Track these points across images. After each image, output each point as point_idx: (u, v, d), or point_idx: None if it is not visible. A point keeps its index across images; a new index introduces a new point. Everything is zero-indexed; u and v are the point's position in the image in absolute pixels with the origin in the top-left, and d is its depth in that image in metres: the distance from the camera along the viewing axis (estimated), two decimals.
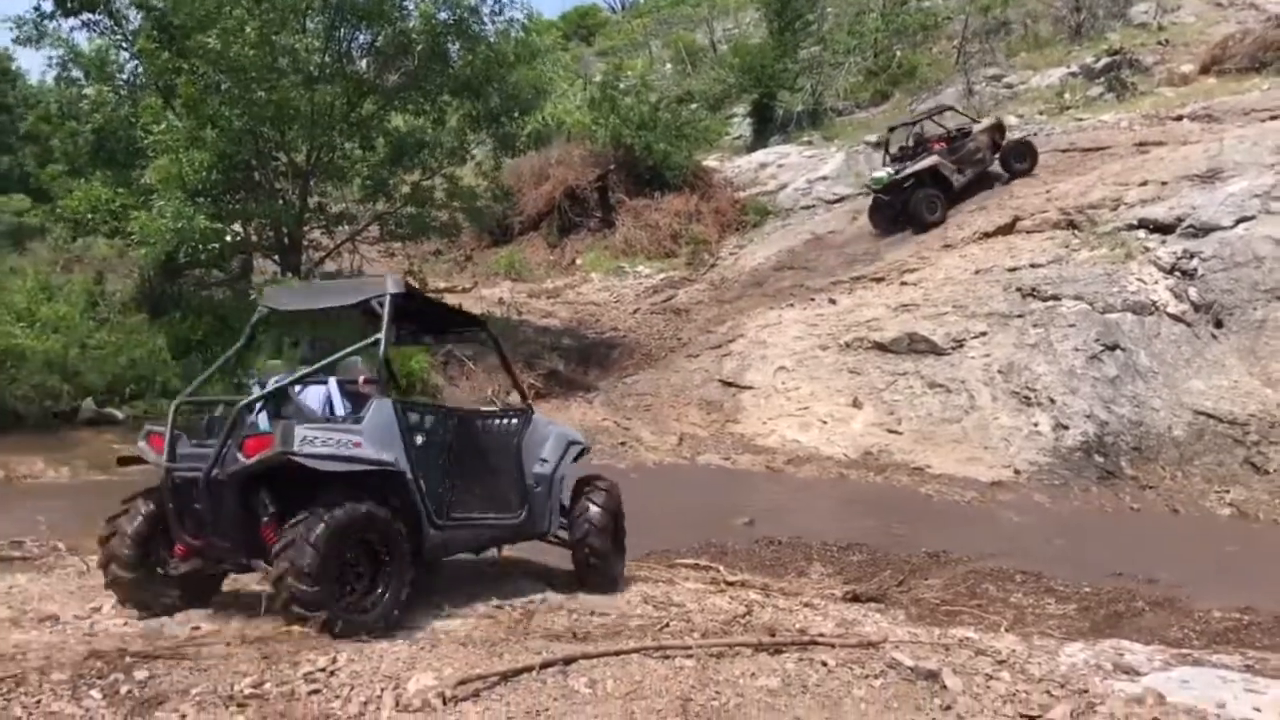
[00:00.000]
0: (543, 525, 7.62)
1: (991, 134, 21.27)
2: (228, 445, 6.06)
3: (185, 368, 16.12)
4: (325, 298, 8.02)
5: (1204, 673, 6.60)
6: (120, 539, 6.41)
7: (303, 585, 5.72)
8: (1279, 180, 16.22)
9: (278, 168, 18.62)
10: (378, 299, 6.79)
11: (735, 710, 4.91)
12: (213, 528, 6.23)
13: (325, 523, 5.81)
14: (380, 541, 6.15)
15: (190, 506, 6.25)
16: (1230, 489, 12.68)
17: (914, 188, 20.38)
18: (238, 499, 6.14)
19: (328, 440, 6.06)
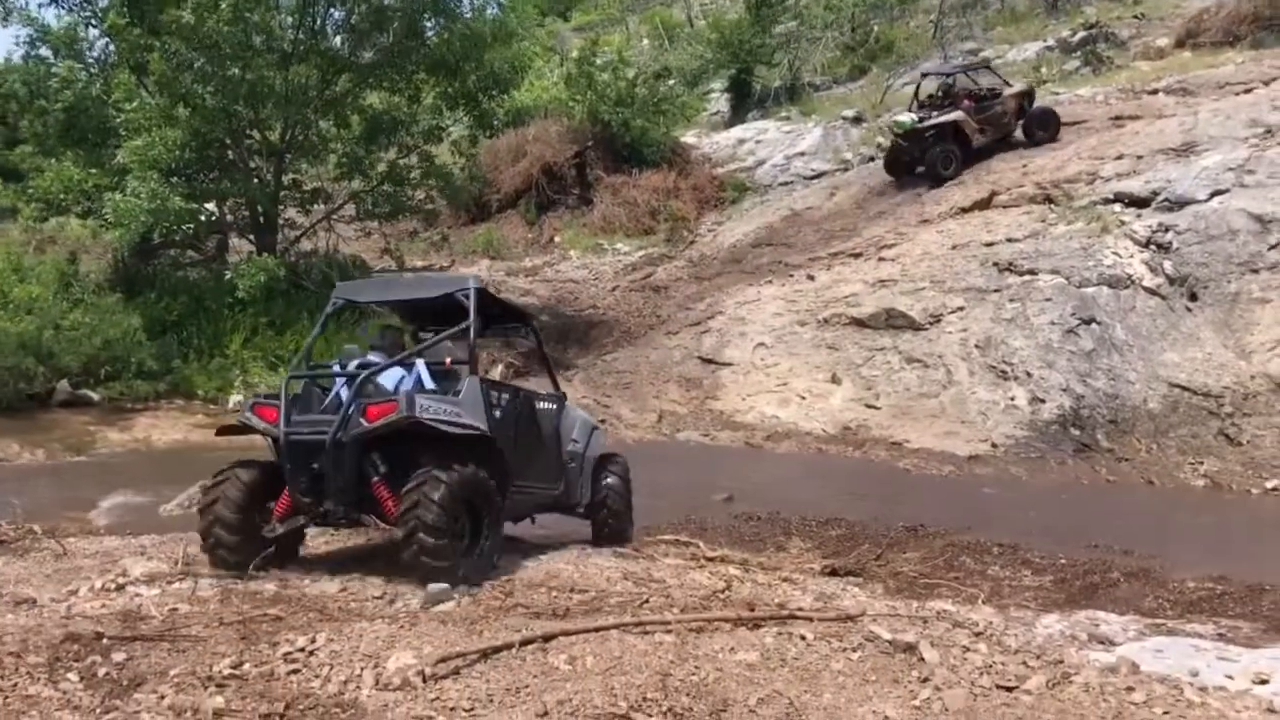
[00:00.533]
0: (575, 497, 8.60)
1: (1020, 99, 21.12)
2: (351, 411, 6.81)
3: (160, 348, 16.04)
4: (405, 291, 9.33)
5: (1178, 642, 6.69)
6: (223, 506, 7.00)
7: (431, 539, 6.46)
8: (1253, 154, 16.30)
9: (252, 146, 18.45)
10: (463, 292, 7.73)
11: (714, 684, 4.94)
12: (332, 486, 6.91)
13: (445, 483, 6.58)
14: (480, 499, 6.95)
15: (307, 467, 6.94)
16: (1204, 461, 12.80)
17: (934, 140, 20.45)
18: (354, 460, 6.87)
19: (439, 409, 6.92)
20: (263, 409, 7.23)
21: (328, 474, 6.91)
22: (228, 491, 7.05)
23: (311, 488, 6.97)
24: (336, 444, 6.83)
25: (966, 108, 20.67)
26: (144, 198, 15.41)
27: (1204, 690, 5.40)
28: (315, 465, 6.92)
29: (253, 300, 16.51)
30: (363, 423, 6.81)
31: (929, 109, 21.16)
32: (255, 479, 7.14)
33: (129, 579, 6.63)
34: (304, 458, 6.94)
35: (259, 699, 4.64)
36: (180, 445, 13.92)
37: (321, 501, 6.99)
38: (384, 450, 6.97)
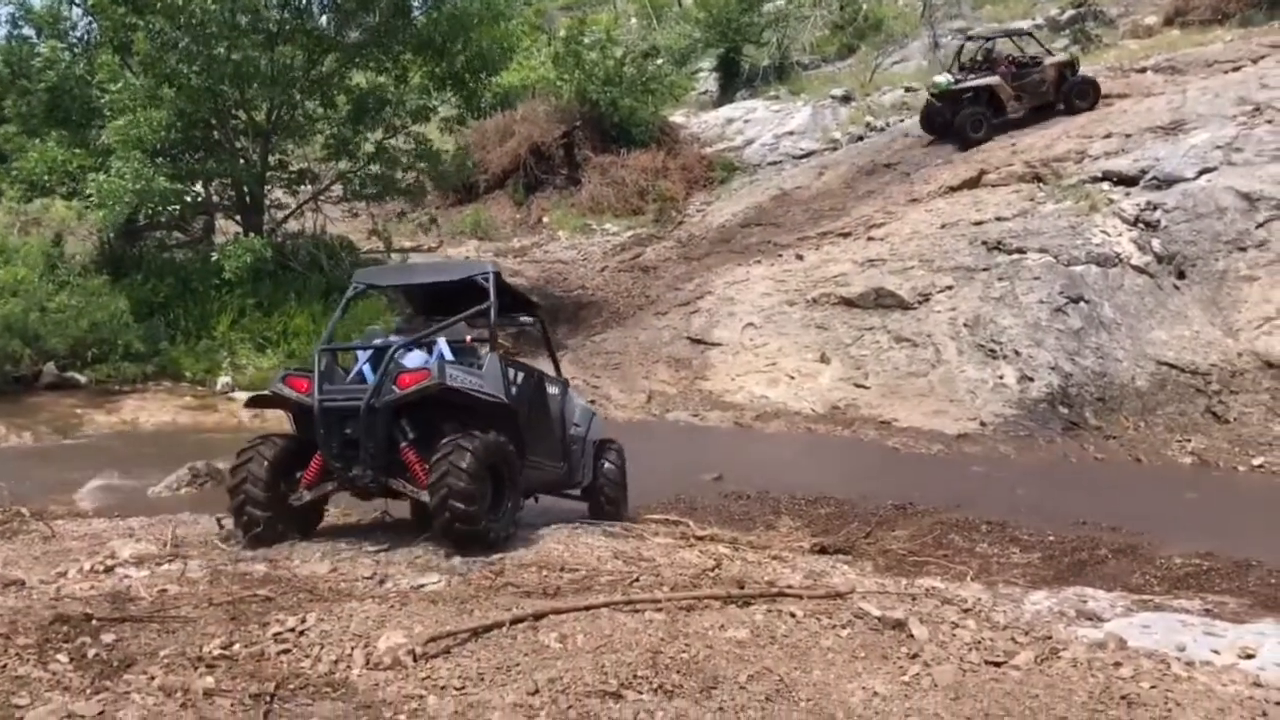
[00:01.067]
0: (577, 477, 9.02)
1: (1060, 69, 20.88)
2: (384, 379, 7.18)
3: (147, 330, 15.97)
4: (426, 275, 9.61)
5: (1165, 618, 6.73)
6: (253, 481, 7.29)
7: (461, 505, 6.83)
8: (1241, 132, 16.32)
9: (237, 126, 18.34)
10: (482, 275, 8.21)
11: (704, 662, 4.95)
12: (364, 451, 7.23)
13: (472, 451, 6.94)
14: (503, 464, 7.31)
15: (340, 433, 7.28)
16: (1192, 438, 12.85)
17: (969, 102, 20.43)
18: (385, 426, 7.21)
19: (466, 379, 7.34)
20: (294, 380, 7.59)
21: (360, 439, 7.22)
22: (254, 468, 7.32)
23: (343, 453, 7.30)
24: (370, 409, 7.15)
25: (1003, 73, 20.59)
26: (128, 178, 15.30)
27: (1191, 665, 5.44)
28: (348, 431, 7.25)
29: (240, 281, 16.44)
30: (395, 390, 7.18)
31: (968, 72, 21.09)
32: (280, 453, 7.45)
33: (118, 560, 6.61)
34: (337, 424, 7.28)
35: (249, 679, 4.64)
36: (168, 427, 13.89)
37: (351, 466, 7.30)
38: (412, 417, 7.35)
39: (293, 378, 7.64)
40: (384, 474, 7.32)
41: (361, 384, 7.45)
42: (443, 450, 6.96)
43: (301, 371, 7.71)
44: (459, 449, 6.94)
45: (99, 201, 15.43)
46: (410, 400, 7.17)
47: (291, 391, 7.51)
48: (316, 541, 7.36)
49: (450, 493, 6.82)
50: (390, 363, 7.33)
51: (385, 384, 7.21)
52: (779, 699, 4.66)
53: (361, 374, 7.67)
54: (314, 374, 7.42)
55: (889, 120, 24.88)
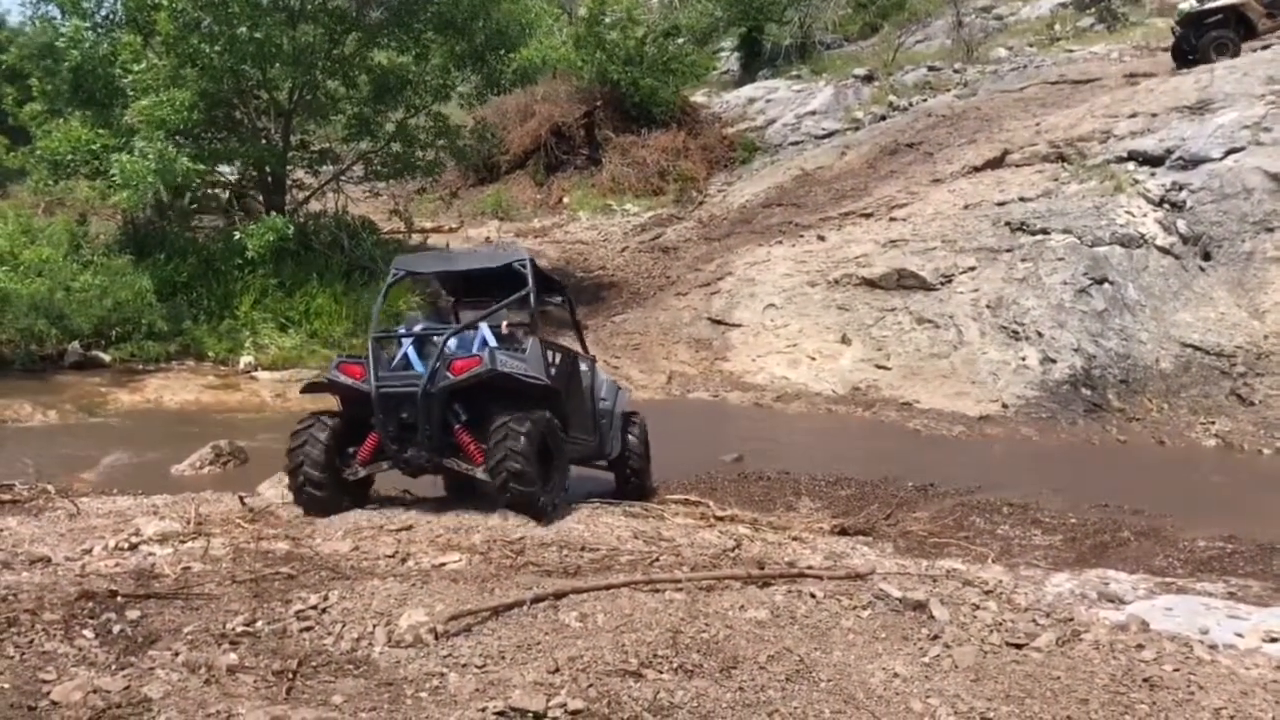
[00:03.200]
0: (606, 449, 9.36)
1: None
2: (438, 366, 7.65)
3: (170, 310, 16.06)
4: (464, 262, 10.22)
5: (1187, 600, 6.69)
6: (310, 456, 7.73)
7: (520, 485, 7.34)
8: (1269, 111, 16.12)
9: (259, 106, 18.36)
10: (519, 262, 8.62)
11: (724, 641, 4.96)
12: (420, 433, 7.68)
13: (525, 433, 7.39)
14: (551, 441, 7.75)
15: (397, 417, 7.73)
16: (1216, 420, 12.76)
17: (1215, 25, 19.48)
18: (440, 409, 7.67)
19: (514, 365, 7.77)
20: (348, 367, 8.05)
21: (418, 422, 7.67)
22: (312, 442, 7.79)
23: (399, 435, 7.76)
24: (427, 395, 7.62)
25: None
26: (151, 159, 15.36)
27: (1214, 648, 5.41)
28: (404, 415, 7.71)
29: (262, 261, 16.50)
30: (449, 376, 7.63)
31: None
32: (335, 430, 7.91)
33: (142, 538, 6.66)
34: (394, 408, 7.72)
35: (272, 656, 4.68)
36: (191, 406, 13.97)
37: (406, 447, 7.78)
38: (464, 401, 7.79)
39: (347, 365, 8.07)
40: (438, 454, 7.77)
41: (408, 369, 7.95)
42: (499, 434, 7.41)
43: (355, 359, 8.15)
44: (513, 432, 7.38)
45: (122, 181, 15.49)
46: (464, 385, 7.62)
47: (348, 379, 7.94)
48: (338, 520, 7.39)
49: (509, 474, 7.33)
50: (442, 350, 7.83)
51: (440, 371, 7.65)
52: (799, 679, 4.66)
53: (407, 358, 8.08)
54: (369, 361, 7.88)
55: (911, 100, 24.75)
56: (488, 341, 8.24)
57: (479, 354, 7.83)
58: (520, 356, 7.98)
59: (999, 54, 26.05)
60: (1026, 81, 22.34)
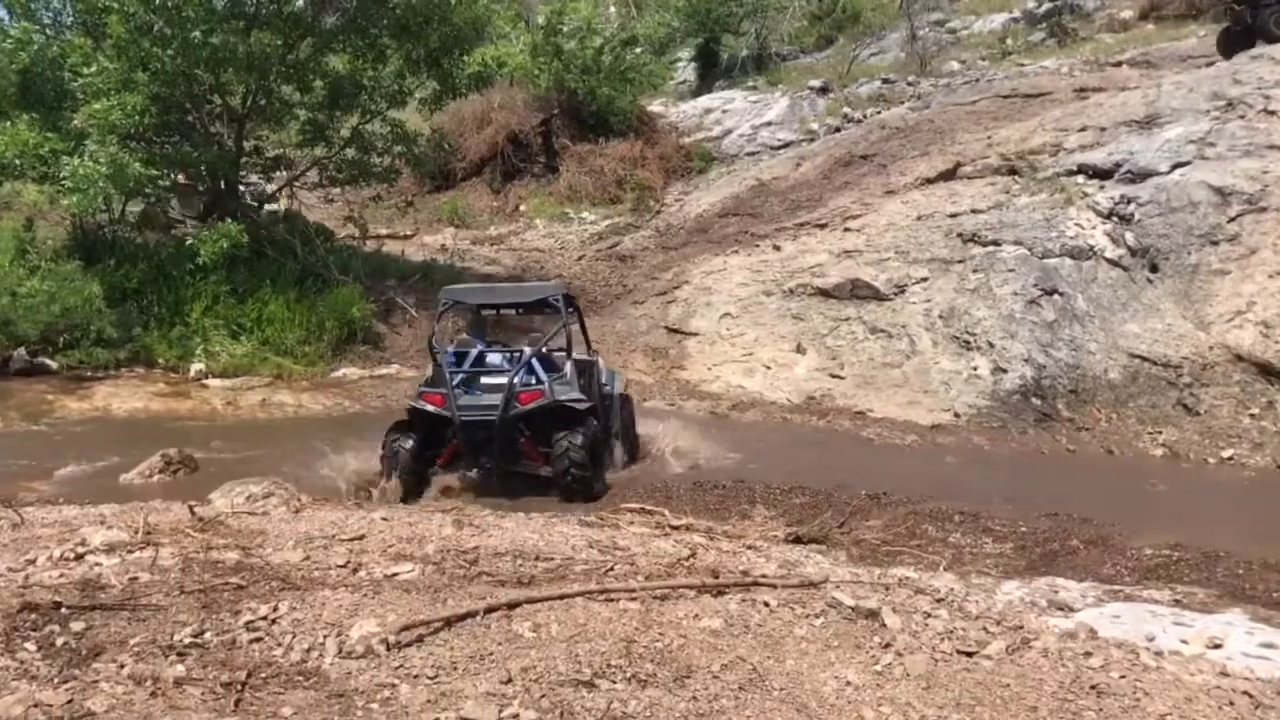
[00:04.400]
0: (612, 426, 11.41)
1: None
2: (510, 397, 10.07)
3: (120, 316, 15.84)
4: (507, 295, 12.46)
5: (1135, 608, 6.79)
6: (404, 455, 10.09)
7: (580, 472, 9.92)
8: (1214, 126, 16.43)
9: (213, 111, 18.16)
10: (554, 296, 11.20)
11: (679, 651, 4.96)
12: (496, 448, 10.14)
13: (582, 435, 10.00)
14: (598, 443, 10.35)
15: (476, 435, 10.14)
16: (1163, 430, 12.96)
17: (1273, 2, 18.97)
18: (511, 429, 10.13)
19: (566, 392, 10.36)
20: (429, 396, 10.33)
21: (493, 440, 10.08)
22: (404, 445, 10.13)
23: (477, 448, 10.20)
24: (502, 422, 10.02)
25: None
26: (103, 163, 15.15)
27: (1160, 655, 5.48)
28: (481, 435, 10.08)
29: (214, 267, 16.32)
30: (519, 406, 10.09)
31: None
32: (419, 438, 10.20)
33: (88, 548, 6.53)
34: (474, 430, 10.09)
35: (220, 667, 4.61)
36: (140, 414, 13.78)
37: (480, 456, 10.23)
38: (525, 420, 10.18)
39: (429, 395, 10.33)
40: (508, 462, 10.23)
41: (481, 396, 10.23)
42: (561, 445, 9.92)
43: (433, 389, 10.37)
44: (572, 444, 9.91)
45: (72, 186, 15.26)
46: (528, 413, 10.10)
47: (432, 407, 10.24)
48: (289, 529, 7.31)
49: (574, 475, 9.87)
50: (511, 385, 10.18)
51: (511, 402, 10.04)
52: (752, 688, 4.67)
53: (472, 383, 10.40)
54: (448, 391, 10.16)
55: (866, 112, 24.98)
56: (534, 368, 10.47)
57: (540, 387, 10.26)
58: (567, 382, 10.49)
59: (952, 67, 26.37)
60: (979, 95, 22.62)
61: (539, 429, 10.18)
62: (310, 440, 12.45)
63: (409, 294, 18.05)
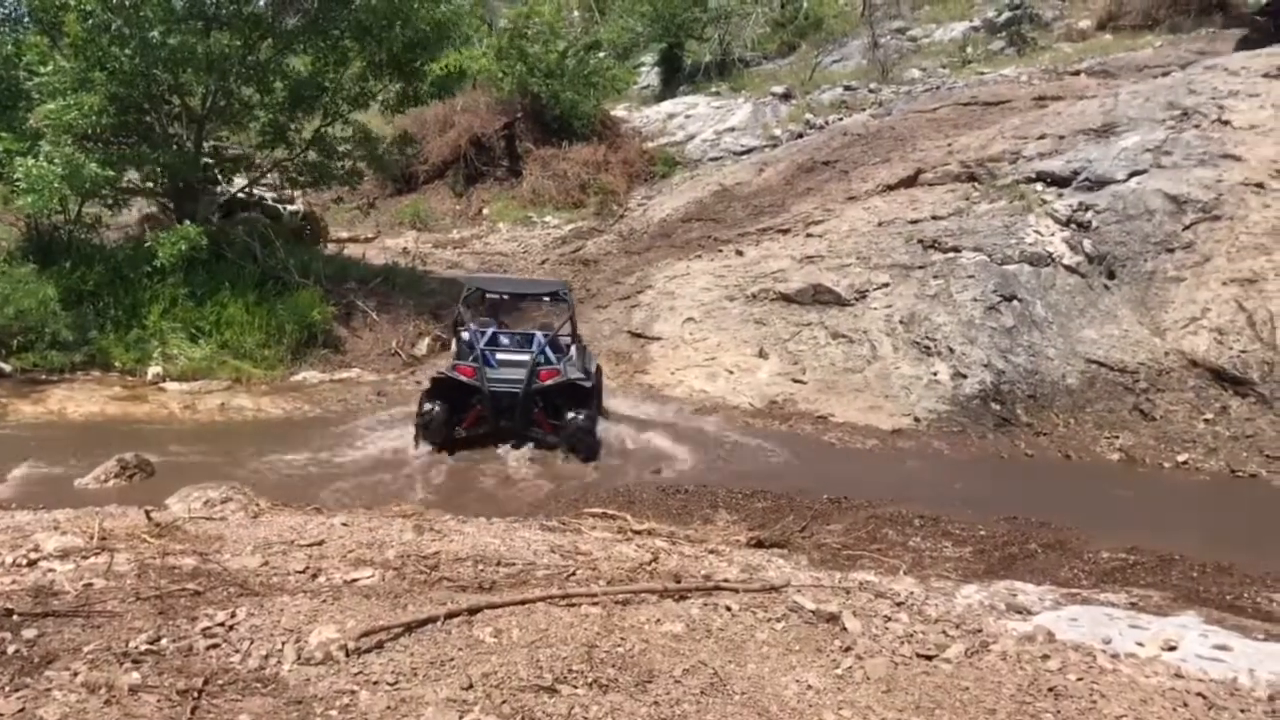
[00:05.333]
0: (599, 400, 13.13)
1: None
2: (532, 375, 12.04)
3: (76, 318, 15.61)
4: (524, 286, 15.60)
5: (1091, 611, 6.87)
6: (437, 415, 11.97)
7: (586, 444, 12.01)
8: (1170, 135, 16.66)
9: (171, 112, 17.95)
10: (564, 289, 13.95)
11: (640, 655, 4.96)
12: (517, 415, 12.07)
13: (584, 415, 12.00)
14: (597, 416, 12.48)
15: (500, 404, 12.03)
16: (1120, 435, 13.11)
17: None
18: (530, 401, 12.05)
19: (574, 373, 12.45)
20: (462, 369, 12.23)
21: (517, 409, 12.01)
22: (435, 416, 11.95)
23: (500, 414, 12.08)
24: (525, 394, 11.97)
25: None
26: (58, 163, 14.93)
27: (1116, 657, 5.55)
28: (504, 404, 12.01)
29: (172, 270, 16.12)
30: (539, 382, 12.05)
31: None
32: (445, 409, 12.00)
33: (41, 554, 6.44)
34: (499, 399, 11.99)
35: (176, 674, 4.56)
36: (96, 417, 13.59)
37: (501, 420, 12.11)
38: (543, 393, 12.13)
39: (461, 368, 12.23)
40: (524, 427, 12.14)
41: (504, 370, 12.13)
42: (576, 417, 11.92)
43: (464, 362, 12.29)
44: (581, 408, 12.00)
45: (27, 187, 15.03)
46: (547, 389, 12.08)
47: (465, 378, 12.09)
48: (247, 535, 7.24)
49: (582, 441, 11.94)
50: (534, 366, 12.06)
51: (532, 378, 11.96)
52: (714, 692, 4.68)
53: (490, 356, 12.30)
54: (479, 366, 12.06)
55: (828, 118, 25.13)
56: (544, 349, 12.38)
57: (557, 367, 12.25)
58: (574, 363, 12.68)
59: (913, 75, 26.59)
60: (939, 102, 22.81)
61: (549, 401, 12.12)
62: (267, 444, 12.36)
63: (370, 297, 17.93)
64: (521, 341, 12.79)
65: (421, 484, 11.34)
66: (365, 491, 10.68)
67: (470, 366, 12.07)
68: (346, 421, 13.72)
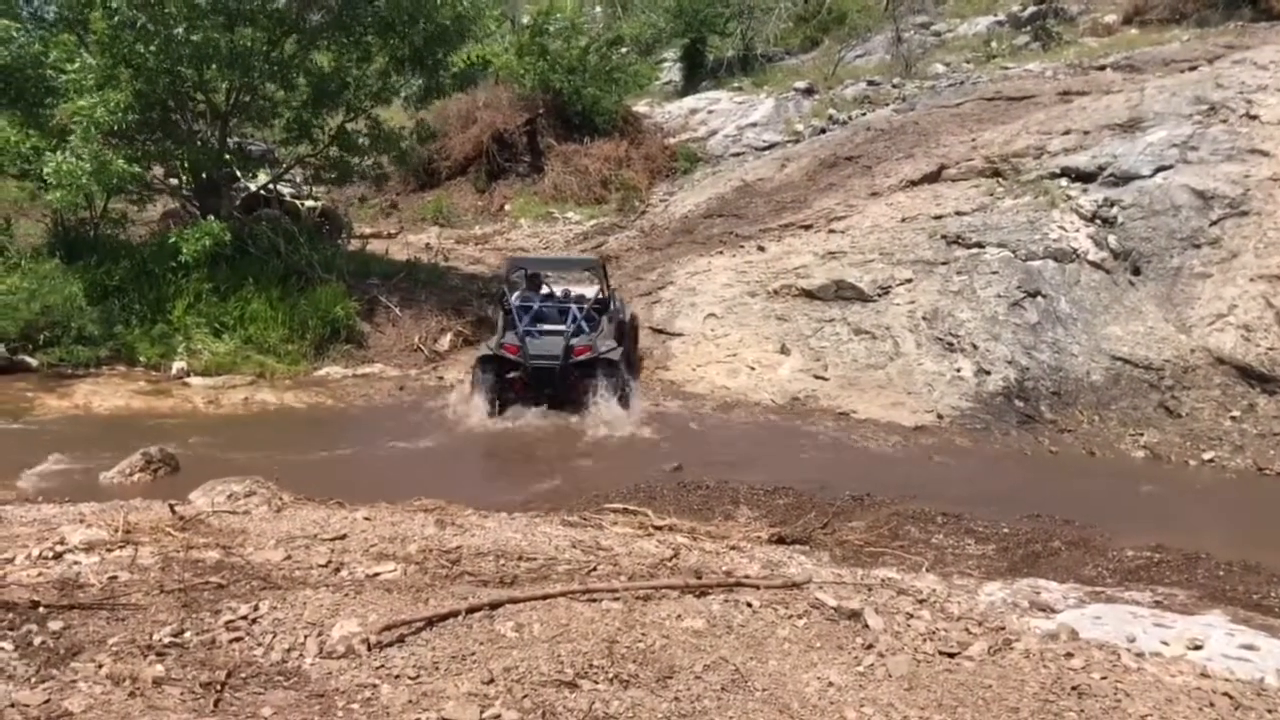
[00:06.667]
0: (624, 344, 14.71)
1: None
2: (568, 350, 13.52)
3: (102, 314, 15.73)
4: (561, 263, 17.65)
5: (1116, 609, 6.82)
6: (490, 383, 13.56)
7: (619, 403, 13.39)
8: (1196, 130, 16.51)
9: (196, 108, 18.06)
10: (601, 262, 15.90)
11: (661, 651, 4.96)
12: (557, 385, 13.52)
13: (617, 376, 13.55)
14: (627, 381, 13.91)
15: (540, 376, 13.49)
16: (1144, 432, 13.02)
17: None
18: (567, 372, 13.48)
19: (604, 347, 13.80)
20: (508, 346, 13.64)
21: (555, 380, 13.48)
22: (487, 384, 13.54)
23: (541, 384, 13.52)
24: (563, 367, 13.45)
25: None
26: (86, 159, 15.05)
27: (1140, 656, 5.51)
28: (544, 376, 13.48)
29: (197, 265, 16.22)
30: (574, 357, 13.48)
31: None
32: (497, 374, 13.58)
33: (67, 546, 6.49)
34: (540, 372, 13.48)
35: (200, 667, 4.59)
36: (121, 412, 13.69)
37: (543, 390, 13.53)
38: (578, 365, 13.51)
39: (508, 345, 13.63)
40: (562, 394, 13.48)
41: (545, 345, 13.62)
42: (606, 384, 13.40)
43: (510, 340, 13.67)
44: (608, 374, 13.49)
45: (55, 182, 15.15)
46: (581, 363, 13.48)
47: (511, 354, 13.56)
48: (270, 528, 7.28)
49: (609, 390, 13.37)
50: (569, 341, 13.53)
51: (568, 354, 13.46)
52: (734, 689, 4.67)
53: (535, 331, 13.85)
54: (522, 344, 13.51)
55: (851, 114, 25.00)
56: (577, 320, 13.86)
57: (589, 342, 13.66)
58: (604, 336, 14.01)
59: (937, 70, 26.42)
60: (963, 97, 22.66)
61: (584, 370, 13.51)
62: (290, 438, 12.43)
63: (392, 293, 17.98)
64: (559, 315, 14.16)
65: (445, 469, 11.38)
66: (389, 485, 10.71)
67: (514, 344, 13.56)
68: (369, 416, 13.82)
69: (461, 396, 13.97)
